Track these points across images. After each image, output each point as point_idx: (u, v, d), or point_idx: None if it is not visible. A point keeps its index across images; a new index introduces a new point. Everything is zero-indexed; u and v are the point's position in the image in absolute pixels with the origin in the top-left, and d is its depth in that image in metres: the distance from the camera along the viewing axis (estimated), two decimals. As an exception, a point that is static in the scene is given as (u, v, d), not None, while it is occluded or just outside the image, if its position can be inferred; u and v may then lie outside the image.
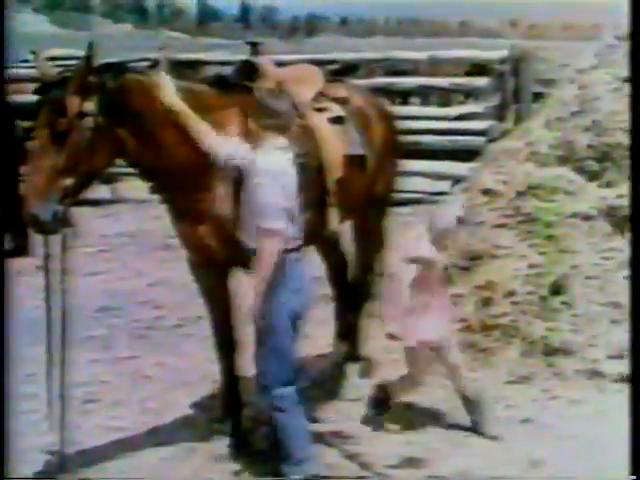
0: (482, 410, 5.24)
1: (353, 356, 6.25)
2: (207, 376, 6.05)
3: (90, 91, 4.47)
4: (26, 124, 9.27)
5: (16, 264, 4.84)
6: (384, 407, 5.43)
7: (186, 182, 4.77)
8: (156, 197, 5.08)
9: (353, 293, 6.20)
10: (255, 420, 5.37)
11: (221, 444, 5.15)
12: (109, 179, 12.23)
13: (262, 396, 4.63)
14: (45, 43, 18.46)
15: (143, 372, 6.49)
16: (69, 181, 4.42)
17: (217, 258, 4.95)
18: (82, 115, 4.44)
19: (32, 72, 14.54)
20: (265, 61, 5.54)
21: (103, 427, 5.50)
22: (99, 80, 4.51)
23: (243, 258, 4.86)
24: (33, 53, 14.03)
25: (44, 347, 4.75)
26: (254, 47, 14.68)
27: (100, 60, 4.61)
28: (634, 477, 4.12)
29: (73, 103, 4.42)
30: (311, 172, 4.93)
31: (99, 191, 4.68)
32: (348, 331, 6.23)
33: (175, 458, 5.07)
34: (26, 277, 6.96)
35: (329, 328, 6.34)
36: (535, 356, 6.11)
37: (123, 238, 11.32)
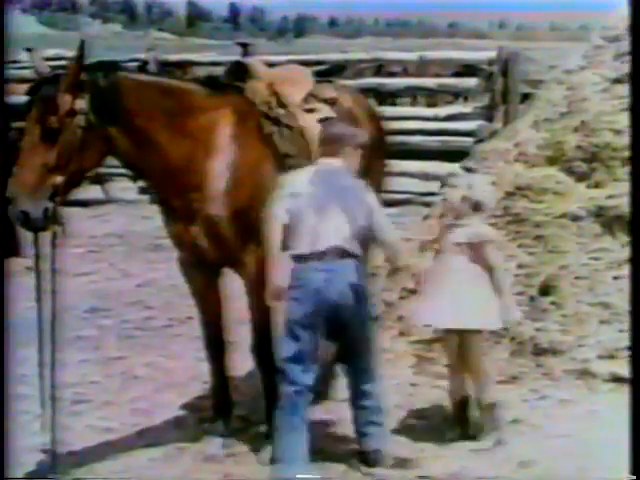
0: (493, 415, 5.20)
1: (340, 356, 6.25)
2: (197, 376, 6.04)
3: (82, 89, 4.48)
4: (15, 125, 9.26)
5: (6, 265, 4.84)
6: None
7: (178, 181, 4.78)
8: (145, 198, 5.09)
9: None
10: (246, 420, 5.38)
11: (211, 445, 5.14)
12: (98, 179, 12.22)
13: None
14: (33, 43, 18.39)
15: (133, 372, 6.48)
16: (59, 179, 4.42)
17: (209, 258, 4.96)
18: (73, 113, 4.45)
19: (22, 72, 14.56)
20: (256, 62, 5.56)
21: (93, 428, 5.49)
22: (91, 78, 4.52)
23: (233, 258, 4.89)
24: (29, 50, 14.07)
25: (34, 348, 4.74)
26: (245, 48, 14.68)
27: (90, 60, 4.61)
28: (634, 477, 4.13)
29: (65, 101, 4.43)
30: None
31: (88, 191, 4.68)
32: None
33: (165, 459, 5.05)
34: (16, 278, 6.94)
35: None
36: (524, 356, 6.11)
37: (112, 239, 11.32)
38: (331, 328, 4.62)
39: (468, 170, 5.11)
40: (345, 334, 4.70)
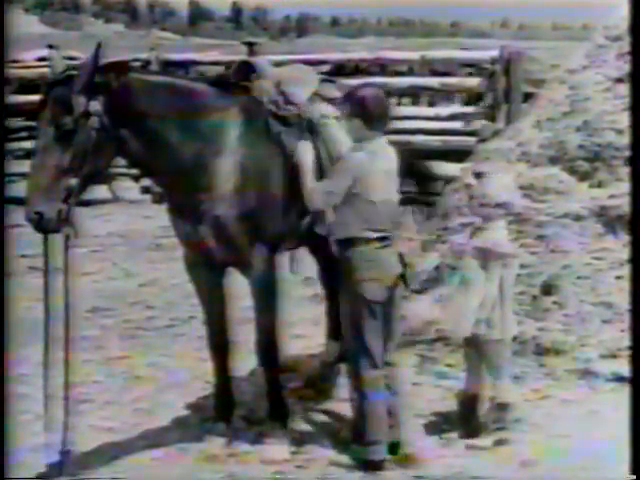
0: (502, 415, 5.19)
1: (345, 356, 6.25)
2: (199, 376, 6.04)
3: (96, 91, 4.48)
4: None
5: (6, 265, 4.85)
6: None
7: (187, 182, 4.78)
8: (147, 197, 5.10)
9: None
10: (248, 420, 5.38)
11: (213, 444, 5.14)
12: (104, 179, 12.22)
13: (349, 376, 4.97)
14: (36, 43, 18.41)
15: (135, 372, 6.48)
16: (73, 181, 4.43)
17: (216, 258, 4.98)
18: (88, 115, 4.45)
19: (22, 72, 14.58)
20: (263, 61, 5.56)
21: (95, 428, 5.49)
22: (104, 80, 4.52)
23: (240, 258, 4.89)
24: (51, 47, 14.06)
25: (33, 348, 4.74)
26: (251, 47, 14.66)
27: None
28: (634, 477, 4.12)
29: (79, 102, 4.43)
30: None
31: (89, 191, 4.66)
32: (340, 331, 6.23)
33: (167, 458, 5.05)
34: (16, 278, 6.94)
35: (321, 328, 6.35)
36: (526, 356, 6.11)
37: (114, 238, 11.33)
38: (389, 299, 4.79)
39: (481, 175, 5.09)
40: (390, 305, 4.82)
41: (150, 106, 4.67)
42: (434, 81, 13.37)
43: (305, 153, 4.90)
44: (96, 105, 4.48)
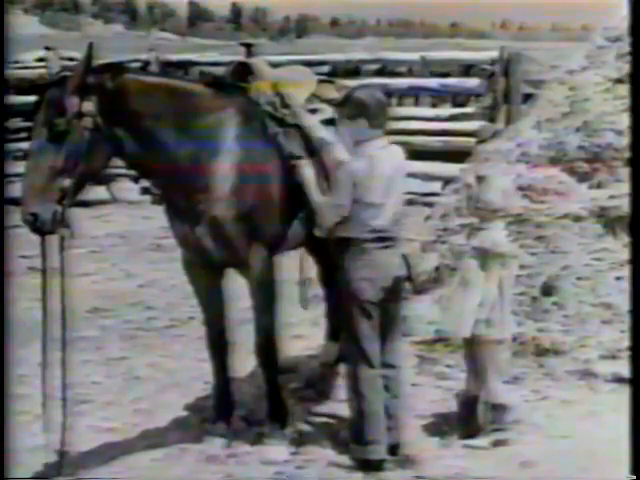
0: (499, 417, 5.18)
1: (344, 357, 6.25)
2: (198, 377, 6.04)
3: (89, 91, 4.49)
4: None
5: (6, 265, 4.87)
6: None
7: (184, 182, 4.78)
8: (146, 198, 5.10)
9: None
10: (247, 420, 5.38)
11: (213, 445, 5.14)
12: (103, 180, 12.24)
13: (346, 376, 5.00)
14: (35, 44, 18.40)
15: (134, 373, 6.48)
16: (67, 182, 4.43)
17: (213, 259, 4.98)
18: (81, 115, 4.45)
19: (22, 72, 14.59)
20: (260, 62, 5.56)
21: (94, 428, 5.49)
22: (98, 80, 4.53)
23: (238, 259, 4.89)
24: (48, 49, 14.08)
25: (32, 348, 4.73)
26: (249, 48, 14.69)
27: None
28: (634, 477, 4.12)
29: (72, 103, 4.44)
30: None
31: (89, 192, 4.67)
32: (339, 331, 6.23)
33: (167, 459, 5.05)
34: (16, 278, 6.93)
35: (321, 329, 6.35)
36: (526, 356, 6.11)
37: (114, 239, 11.33)
38: (387, 300, 4.77)
39: (481, 178, 5.08)
40: (390, 306, 4.82)
41: (147, 107, 4.67)
42: (433, 82, 13.39)
43: (306, 169, 4.89)
44: (89, 106, 4.49)
